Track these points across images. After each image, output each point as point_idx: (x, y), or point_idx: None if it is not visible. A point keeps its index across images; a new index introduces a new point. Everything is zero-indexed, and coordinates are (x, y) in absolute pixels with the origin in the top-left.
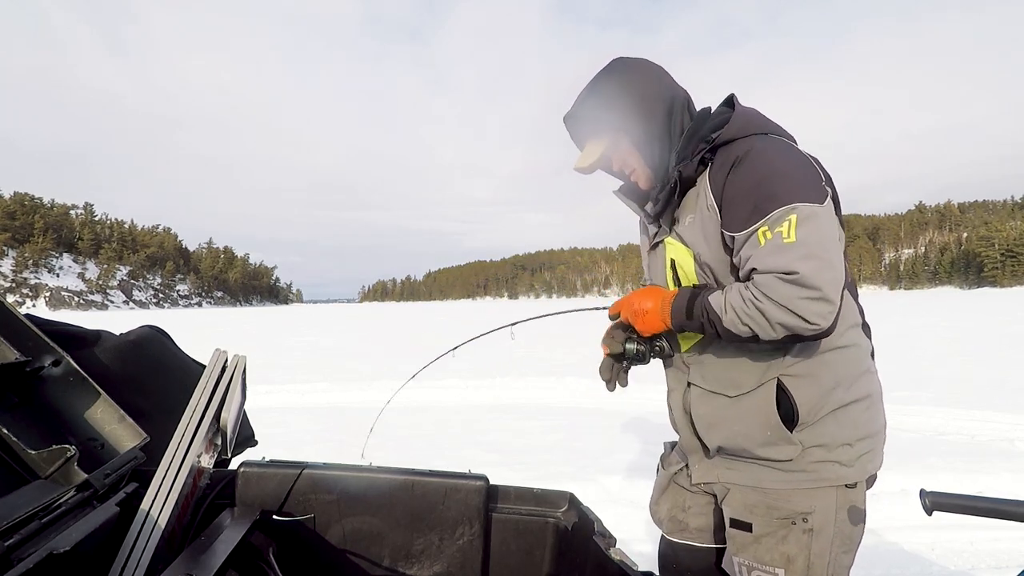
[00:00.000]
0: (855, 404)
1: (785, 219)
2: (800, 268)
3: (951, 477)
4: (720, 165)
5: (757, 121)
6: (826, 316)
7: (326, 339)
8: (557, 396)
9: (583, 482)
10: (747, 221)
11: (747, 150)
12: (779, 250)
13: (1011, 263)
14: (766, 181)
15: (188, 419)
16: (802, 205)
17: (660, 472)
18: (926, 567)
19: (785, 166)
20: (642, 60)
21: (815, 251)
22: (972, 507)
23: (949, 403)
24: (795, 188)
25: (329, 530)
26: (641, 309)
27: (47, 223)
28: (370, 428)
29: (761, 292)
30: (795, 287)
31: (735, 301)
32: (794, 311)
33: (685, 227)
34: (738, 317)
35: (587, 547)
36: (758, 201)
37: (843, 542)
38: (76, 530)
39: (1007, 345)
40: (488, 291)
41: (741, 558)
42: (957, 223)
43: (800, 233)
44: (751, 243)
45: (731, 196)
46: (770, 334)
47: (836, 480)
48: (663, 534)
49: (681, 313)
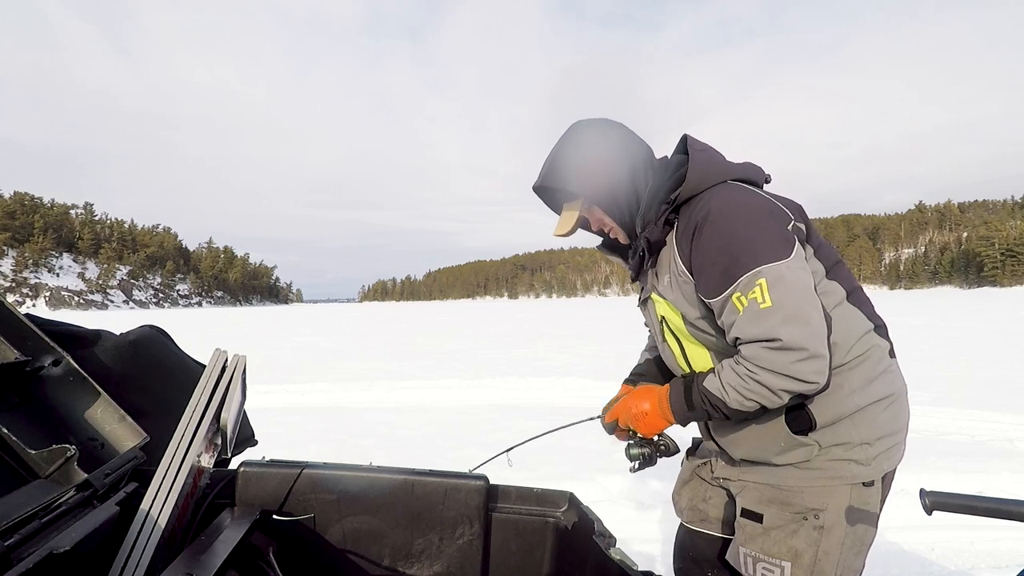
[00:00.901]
0: (873, 406)
1: (755, 284)
2: (781, 334)
3: (951, 477)
4: (684, 230)
5: (712, 170)
6: (822, 372)
7: (326, 339)
8: (557, 396)
9: (583, 482)
10: (719, 288)
11: (706, 214)
12: (757, 317)
13: (1011, 263)
14: (730, 244)
15: (188, 419)
16: (767, 267)
17: (684, 464)
18: (926, 567)
19: (745, 225)
20: (602, 121)
21: (791, 312)
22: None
23: (949, 403)
24: (759, 250)
25: (329, 530)
26: (640, 412)
27: (47, 223)
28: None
29: (754, 365)
30: (782, 352)
31: (732, 381)
32: (791, 375)
33: (665, 287)
34: (741, 395)
35: (587, 547)
36: (725, 267)
37: (854, 543)
38: (76, 530)
39: (1007, 345)
40: (488, 291)
41: (748, 549)
42: (957, 223)
43: (774, 296)
44: (729, 309)
45: (699, 264)
46: (776, 402)
47: (852, 478)
48: (682, 523)
49: (681, 406)
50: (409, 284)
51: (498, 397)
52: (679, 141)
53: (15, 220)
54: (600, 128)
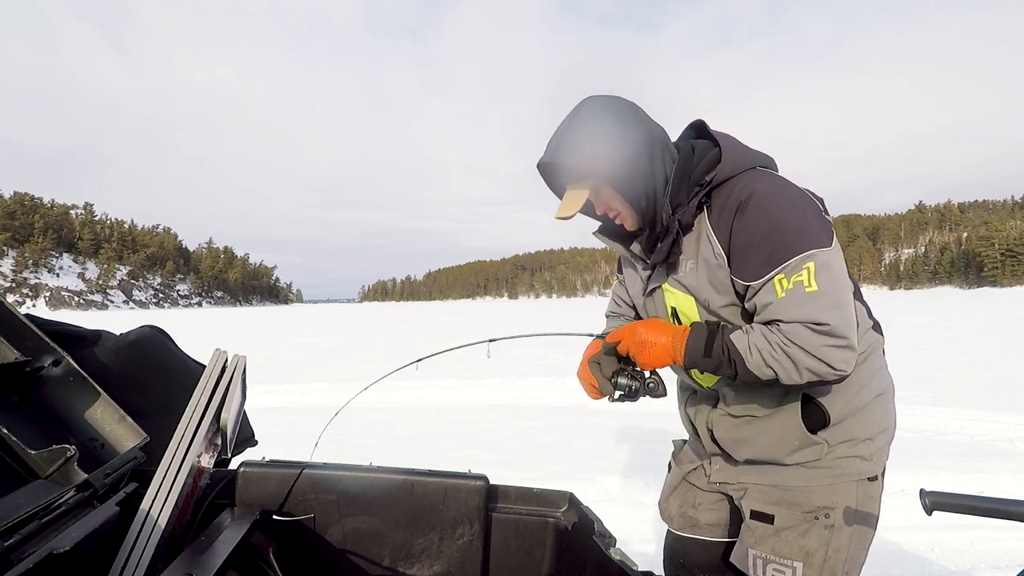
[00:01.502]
0: (874, 401)
1: (803, 267)
2: (829, 319)
3: (951, 477)
4: (721, 210)
5: (747, 155)
6: (850, 362)
7: (326, 339)
8: (557, 396)
9: (583, 482)
10: (761, 270)
11: (749, 194)
12: (804, 300)
13: (1011, 263)
14: (777, 228)
15: (188, 419)
16: (818, 252)
17: (672, 470)
18: (926, 567)
19: (792, 210)
20: (616, 98)
21: (837, 300)
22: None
23: (949, 403)
24: (806, 234)
25: (329, 530)
26: (649, 341)
27: (47, 223)
28: (323, 429)
29: (790, 339)
30: (825, 336)
31: (761, 344)
32: (822, 359)
33: (686, 273)
34: (763, 360)
35: (587, 547)
36: (772, 250)
37: (861, 538)
38: (76, 530)
39: (1007, 345)
40: (488, 291)
41: (758, 551)
42: (957, 223)
43: (821, 282)
44: (767, 291)
45: (741, 244)
46: (794, 379)
47: (857, 474)
48: (669, 530)
49: (699, 350)
50: (409, 284)
51: (498, 397)
52: (692, 126)
53: (15, 220)
54: (617, 105)
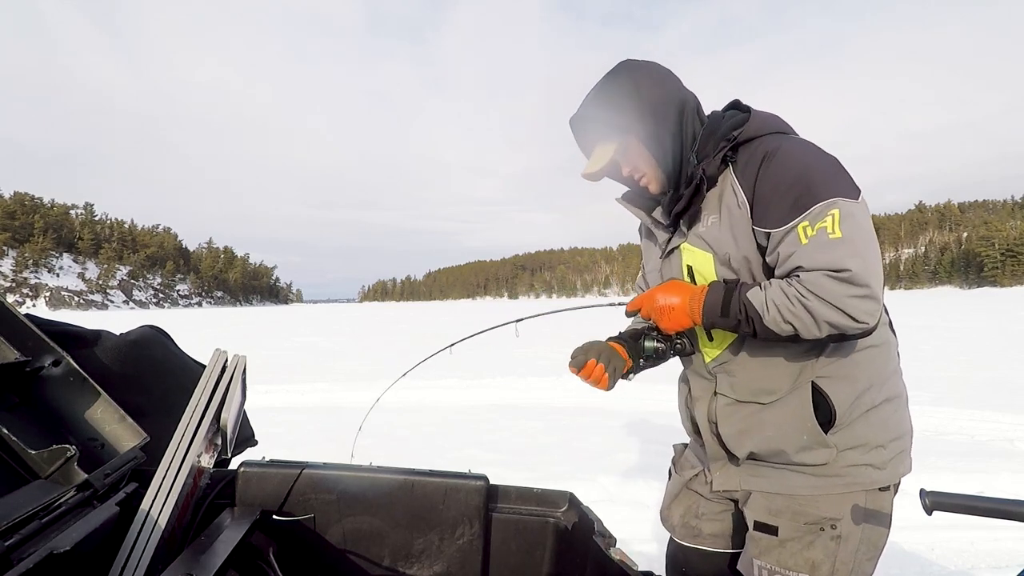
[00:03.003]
0: (885, 404)
1: (827, 214)
2: (851, 265)
3: (951, 477)
4: (746, 162)
5: (777, 121)
6: (874, 314)
7: (326, 339)
8: (557, 396)
9: (583, 482)
10: (785, 217)
11: (776, 146)
12: (826, 246)
13: (1011, 263)
14: (803, 176)
15: (188, 419)
16: (843, 200)
17: (672, 477)
18: (926, 567)
19: (818, 162)
20: (651, 63)
21: (861, 249)
22: (972, 507)
23: (949, 403)
24: (833, 183)
25: (329, 530)
26: (667, 305)
27: (47, 223)
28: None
29: (808, 290)
30: (846, 285)
31: (778, 298)
32: (844, 309)
33: (707, 228)
34: (781, 315)
35: (587, 547)
36: (797, 196)
37: (868, 549)
38: (76, 530)
39: (1007, 345)
40: (488, 291)
41: (763, 562)
42: (957, 223)
43: (845, 229)
44: (790, 239)
45: (765, 192)
46: (814, 333)
47: (869, 484)
48: (672, 538)
49: (716, 309)
50: (409, 284)
51: (498, 397)
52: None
53: (15, 220)
54: (651, 68)
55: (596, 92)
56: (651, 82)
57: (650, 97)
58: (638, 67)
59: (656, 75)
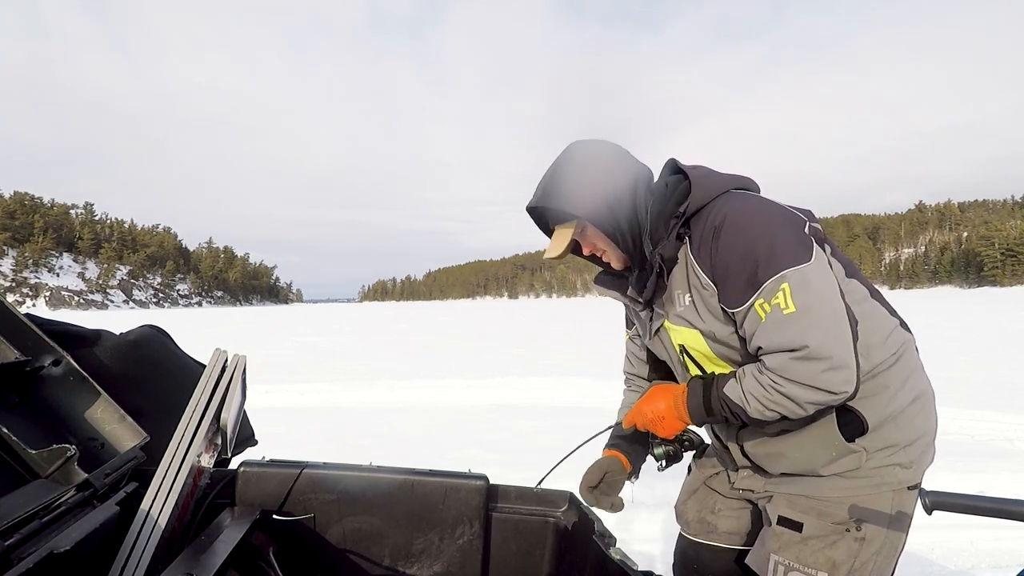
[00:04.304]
0: (912, 405)
1: (779, 289)
2: (808, 340)
3: (951, 477)
4: (701, 237)
5: (716, 180)
6: (850, 381)
7: (326, 339)
8: (557, 396)
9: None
10: (742, 297)
11: (723, 216)
12: (782, 324)
13: (1011, 262)
14: (752, 249)
15: (188, 419)
16: (791, 271)
17: (692, 472)
18: (926, 567)
19: (765, 228)
20: (600, 143)
21: (817, 318)
22: (972, 507)
23: (949, 403)
24: (781, 253)
25: (329, 530)
26: (656, 416)
27: (47, 223)
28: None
29: (779, 376)
30: (809, 362)
31: (754, 389)
32: (819, 387)
33: (685, 308)
34: (763, 405)
35: (587, 547)
36: (748, 275)
37: (889, 551)
38: (76, 530)
39: (1007, 345)
40: (488, 291)
41: (781, 557)
42: (957, 222)
43: (798, 301)
44: (751, 318)
45: (721, 272)
46: (800, 413)
47: (897, 484)
48: (684, 534)
49: (700, 410)
50: (409, 284)
51: (498, 397)
52: (665, 165)
53: (15, 220)
54: (599, 147)
55: (548, 178)
56: (601, 165)
57: (601, 182)
58: (587, 150)
59: (606, 158)
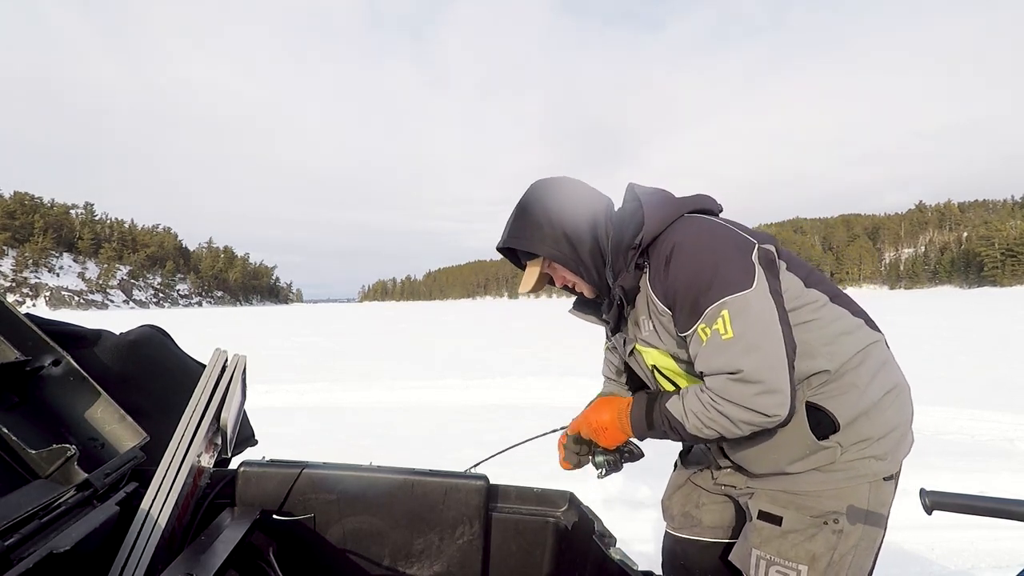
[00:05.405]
0: (884, 398)
1: (719, 316)
2: (743, 365)
3: (951, 477)
4: (655, 268)
5: (668, 208)
6: (782, 405)
7: (326, 339)
8: (557, 396)
9: (583, 482)
10: (687, 322)
11: (671, 248)
12: (720, 348)
13: (1011, 262)
14: (694, 278)
15: (188, 419)
16: (730, 299)
17: (678, 468)
18: (926, 567)
19: (709, 256)
20: (561, 181)
21: (753, 342)
22: (972, 507)
23: (949, 403)
24: (721, 281)
25: (329, 530)
26: (600, 426)
27: (47, 223)
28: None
29: (716, 395)
30: (744, 384)
31: (695, 407)
32: (751, 408)
33: (649, 333)
34: (701, 422)
35: (587, 547)
36: (692, 301)
37: (868, 544)
38: (76, 530)
39: (1007, 345)
40: (488, 291)
41: (762, 551)
42: (957, 223)
43: (736, 327)
44: (695, 342)
45: (671, 298)
46: (735, 432)
47: (872, 476)
48: (669, 530)
49: (641, 423)
50: (409, 284)
51: (498, 397)
52: (626, 191)
53: (15, 220)
54: (558, 186)
55: (513, 220)
56: (563, 205)
57: (562, 221)
58: (548, 190)
59: (567, 197)
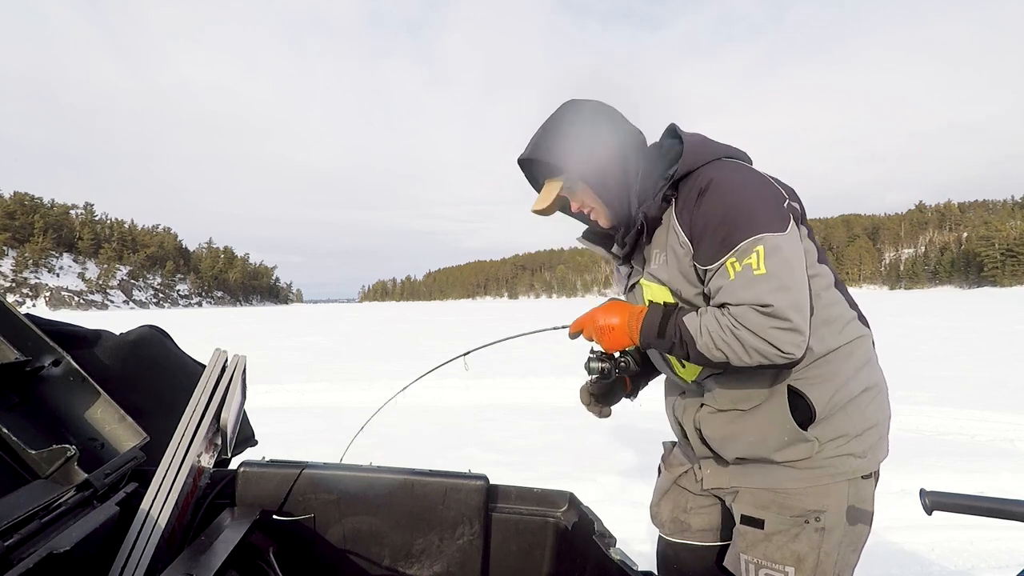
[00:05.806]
0: (864, 394)
1: (752, 250)
2: (773, 300)
3: (951, 477)
4: (685, 200)
5: (709, 147)
6: (799, 345)
7: (326, 339)
8: (557, 396)
9: (583, 482)
10: (716, 255)
11: (709, 180)
12: (751, 282)
13: (1011, 263)
14: (731, 212)
15: (188, 419)
16: (768, 235)
17: (662, 474)
18: (926, 567)
19: (747, 195)
20: (595, 102)
21: (785, 283)
22: (972, 507)
23: (949, 403)
24: (760, 218)
25: (329, 530)
26: (607, 325)
27: (47, 223)
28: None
29: (738, 320)
30: (769, 318)
31: (711, 325)
32: (769, 340)
33: (659, 266)
34: (713, 341)
35: (587, 547)
36: (726, 233)
37: (852, 540)
38: (76, 530)
39: (1007, 345)
40: (488, 291)
41: (750, 556)
42: (957, 223)
43: (769, 264)
44: (721, 274)
45: (700, 230)
46: (744, 360)
47: (851, 473)
48: (662, 535)
49: (653, 330)
50: (409, 284)
51: (498, 397)
52: (665, 130)
53: (15, 220)
54: (594, 107)
55: (542, 132)
56: (595, 122)
57: (593, 139)
58: (583, 107)
59: (600, 115)
